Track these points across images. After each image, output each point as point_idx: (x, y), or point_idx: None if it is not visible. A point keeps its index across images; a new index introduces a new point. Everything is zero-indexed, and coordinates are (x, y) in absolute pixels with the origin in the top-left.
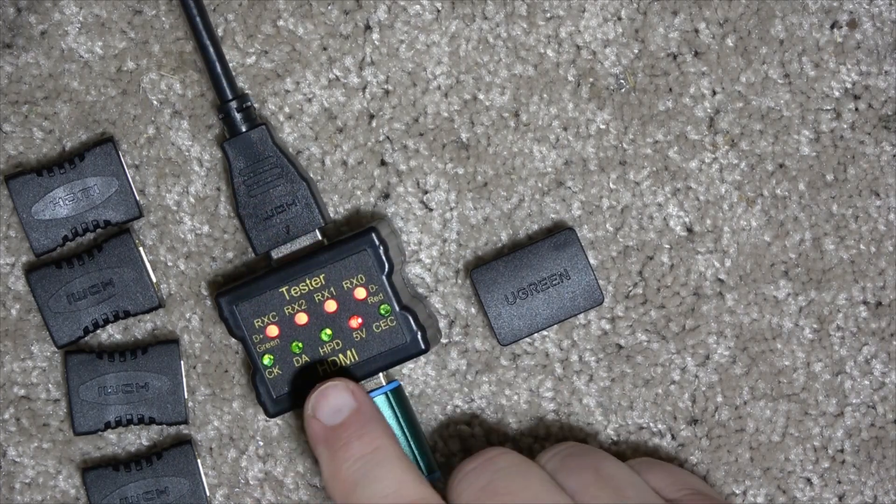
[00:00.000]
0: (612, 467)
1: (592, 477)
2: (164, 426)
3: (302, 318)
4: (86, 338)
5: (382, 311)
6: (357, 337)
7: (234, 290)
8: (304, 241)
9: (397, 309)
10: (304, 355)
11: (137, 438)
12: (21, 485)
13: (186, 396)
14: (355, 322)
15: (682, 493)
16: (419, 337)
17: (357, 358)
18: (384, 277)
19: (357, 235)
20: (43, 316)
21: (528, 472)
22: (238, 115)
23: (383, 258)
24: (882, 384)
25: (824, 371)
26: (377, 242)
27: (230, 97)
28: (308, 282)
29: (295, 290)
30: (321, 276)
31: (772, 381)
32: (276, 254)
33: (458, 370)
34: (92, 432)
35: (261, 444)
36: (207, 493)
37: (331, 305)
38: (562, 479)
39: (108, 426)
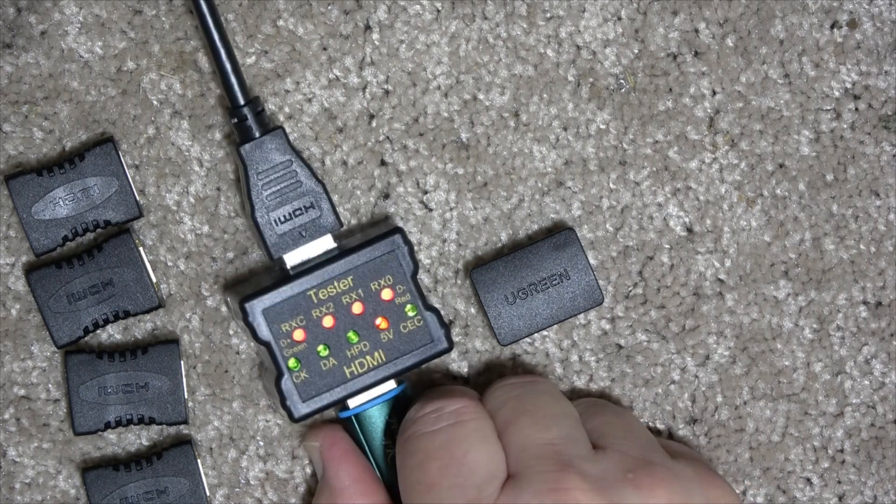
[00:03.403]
0: (631, 418)
1: (615, 420)
2: (164, 426)
3: (328, 321)
4: (86, 338)
5: (409, 312)
6: (384, 338)
7: (260, 294)
8: (318, 245)
9: (423, 309)
10: (331, 358)
11: (137, 438)
12: (21, 485)
13: (186, 396)
14: (382, 323)
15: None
16: (444, 335)
17: (384, 359)
18: (411, 278)
19: (384, 236)
20: (43, 316)
21: (558, 398)
22: (253, 120)
23: (410, 259)
24: (882, 384)
25: (824, 371)
26: (404, 244)
27: (243, 102)
28: (336, 284)
29: (323, 292)
30: (349, 279)
31: (772, 381)
32: (290, 259)
33: (459, 370)
34: (92, 432)
35: (261, 444)
36: (207, 493)
37: (357, 307)
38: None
39: (108, 426)
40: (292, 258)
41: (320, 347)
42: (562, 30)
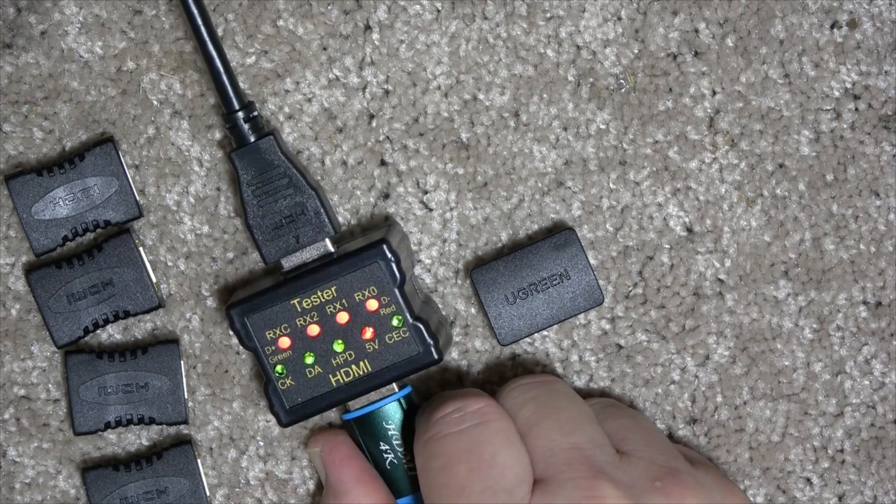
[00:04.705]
0: (649, 422)
1: (629, 423)
2: (164, 426)
3: (314, 330)
4: (86, 338)
5: (395, 323)
6: (370, 348)
7: (245, 301)
8: (314, 250)
9: (409, 320)
10: (316, 366)
11: (137, 438)
12: (21, 485)
13: (186, 396)
14: (368, 333)
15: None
16: (432, 347)
17: (370, 369)
18: (396, 289)
19: (368, 247)
20: (43, 316)
21: (576, 399)
22: (246, 125)
23: (395, 270)
24: (882, 384)
25: (824, 371)
26: (389, 255)
27: (237, 107)
28: (319, 294)
29: (306, 301)
30: (332, 289)
31: (772, 381)
32: (287, 263)
33: (459, 370)
34: (92, 432)
35: (261, 444)
36: (207, 493)
37: (343, 317)
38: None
39: (108, 426)
40: (288, 262)
41: (306, 355)
42: (562, 30)
